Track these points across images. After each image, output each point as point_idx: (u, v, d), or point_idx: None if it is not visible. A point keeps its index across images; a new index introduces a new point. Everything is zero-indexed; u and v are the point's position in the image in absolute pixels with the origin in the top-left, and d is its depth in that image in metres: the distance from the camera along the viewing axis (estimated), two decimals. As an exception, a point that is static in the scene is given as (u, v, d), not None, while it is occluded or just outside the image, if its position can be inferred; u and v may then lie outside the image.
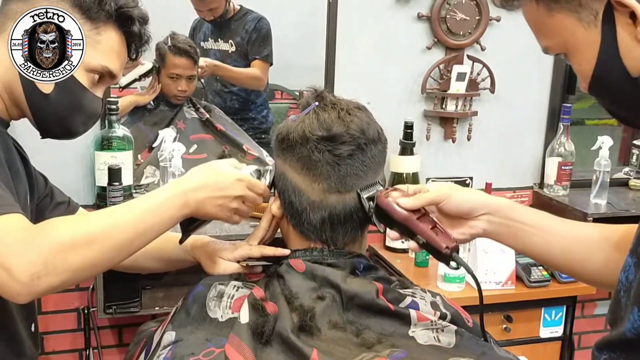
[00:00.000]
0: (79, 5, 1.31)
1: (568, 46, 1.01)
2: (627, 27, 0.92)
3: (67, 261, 1.11)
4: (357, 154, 1.28)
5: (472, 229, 1.29)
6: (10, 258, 1.06)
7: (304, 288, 1.26)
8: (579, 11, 0.95)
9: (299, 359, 1.15)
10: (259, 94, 3.00)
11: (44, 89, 1.32)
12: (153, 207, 1.25)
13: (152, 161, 2.73)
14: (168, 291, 2.44)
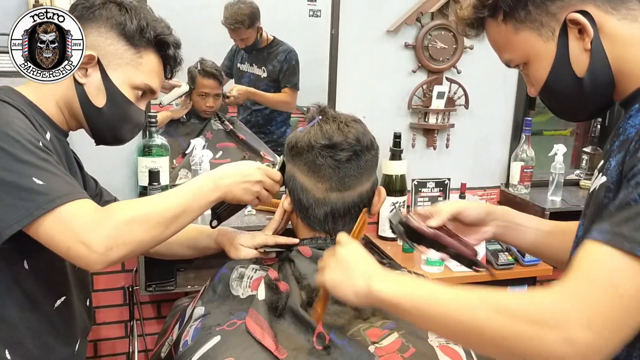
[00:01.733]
0: (124, 34, 1.31)
1: (529, 57, 1.06)
2: (577, 40, 1.00)
3: (131, 234, 1.15)
4: (354, 158, 1.27)
5: (485, 234, 1.33)
6: (87, 234, 1.10)
7: (310, 270, 1.26)
8: (540, 29, 1.02)
9: (307, 329, 1.16)
10: (281, 112, 2.97)
11: (97, 103, 1.32)
12: (192, 191, 1.27)
13: (185, 165, 2.73)
14: (198, 272, 2.44)
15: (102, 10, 1.30)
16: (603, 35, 0.98)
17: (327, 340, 1.14)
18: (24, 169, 1.10)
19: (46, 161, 1.14)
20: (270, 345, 1.13)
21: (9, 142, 1.10)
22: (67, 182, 1.16)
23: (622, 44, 0.98)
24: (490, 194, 3.12)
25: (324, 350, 1.13)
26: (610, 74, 1.00)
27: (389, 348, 1.15)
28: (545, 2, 1.01)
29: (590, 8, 0.98)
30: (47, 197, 1.09)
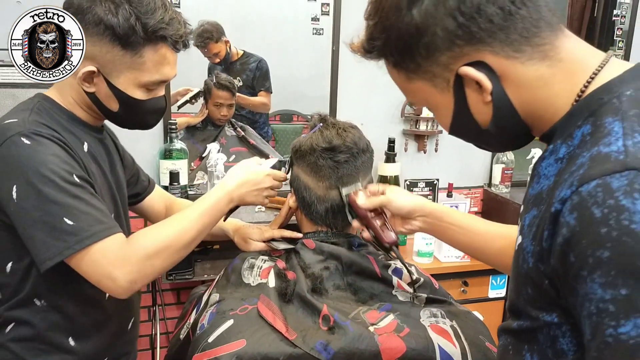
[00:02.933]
0: (116, 39, 1.14)
1: (428, 104, 0.88)
2: (475, 92, 0.79)
3: (153, 266, 1.16)
4: (351, 160, 1.28)
5: (412, 226, 1.26)
6: (113, 271, 1.11)
7: (314, 260, 1.26)
8: (433, 80, 0.81)
9: (313, 312, 1.17)
10: (261, 115, 3.02)
11: (112, 107, 1.24)
12: (207, 209, 1.26)
13: (202, 167, 2.74)
14: (213, 263, 2.43)
15: (89, 15, 1.14)
16: (506, 83, 0.77)
17: (331, 321, 1.14)
18: (56, 210, 1.08)
19: (78, 198, 1.11)
20: (281, 327, 1.14)
21: (43, 182, 1.08)
22: (97, 219, 1.12)
23: (529, 88, 0.77)
24: (474, 193, 3.12)
25: (329, 330, 1.14)
26: (518, 121, 0.81)
27: (386, 328, 1.16)
28: (434, 54, 0.78)
29: (488, 57, 0.76)
30: (76, 237, 1.08)
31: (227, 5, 2.73)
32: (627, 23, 3.24)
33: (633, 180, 0.61)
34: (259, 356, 1.09)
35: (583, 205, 0.64)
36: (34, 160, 1.09)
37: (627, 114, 0.68)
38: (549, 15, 0.76)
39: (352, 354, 1.10)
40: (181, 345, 1.35)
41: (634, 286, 0.59)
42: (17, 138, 1.10)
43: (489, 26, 0.74)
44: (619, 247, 0.60)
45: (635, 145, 0.64)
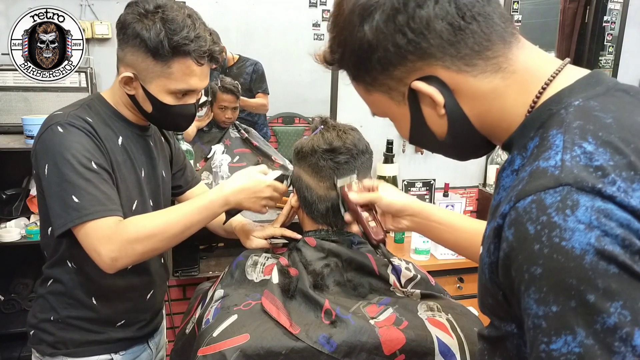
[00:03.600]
0: (149, 51, 1.28)
1: (387, 116, 0.86)
2: (429, 105, 0.77)
3: (134, 250, 1.26)
4: (351, 161, 1.28)
5: (400, 225, 1.24)
6: (99, 246, 1.25)
7: (315, 257, 1.26)
8: (389, 92, 0.79)
9: (316, 306, 1.17)
10: (259, 116, 3.02)
11: (146, 109, 1.37)
12: (199, 207, 1.33)
13: (207, 168, 2.74)
14: (218, 260, 2.44)
15: (130, 30, 1.29)
16: (460, 96, 0.75)
17: (333, 315, 1.15)
18: (69, 188, 1.25)
19: (89, 182, 1.26)
20: (285, 322, 1.14)
21: (63, 164, 1.25)
22: (100, 201, 1.26)
23: (483, 101, 0.75)
24: (470, 192, 3.12)
25: (331, 324, 1.14)
26: (474, 133, 0.79)
27: (386, 321, 1.16)
28: (387, 68, 0.76)
29: (439, 71, 0.74)
30: (78, 213, 1.24)
31: (233, 13, 2.74)
32: (617, 29, 3.24)
33: (565, 197, 0.59)
34: (262, 350, 1.10)
35: (519, 221, 0.62)
36: (61, 145, 1.27)
37: (570, 126, 0.66)
38: (501, 28, 0.73)
39: (354, 346, 1.10)
40: (187, 339, 1.36)
41: (564, 303, 0.58)
42: (54, 126, 1.29)
43: (439, 42, 0.72)
44: (550, 264, 0.59)
45: (573, 160, 0.62)
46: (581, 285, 0.57)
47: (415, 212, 1.22)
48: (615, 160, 0.61)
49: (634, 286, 0.57)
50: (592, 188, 0.59)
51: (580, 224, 0.58)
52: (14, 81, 2.05)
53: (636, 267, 0.57)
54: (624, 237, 0.57)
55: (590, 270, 0.57)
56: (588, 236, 0.57)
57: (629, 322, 0.56)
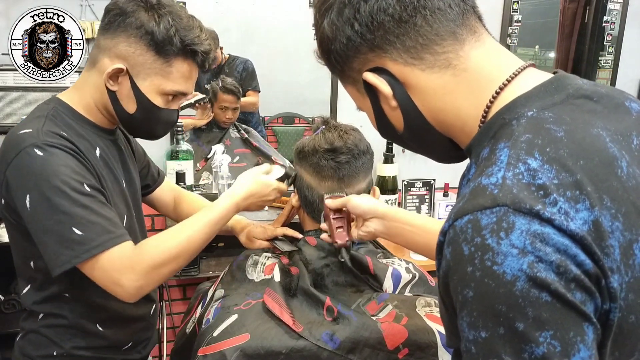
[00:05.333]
0: (153, 44, 1.18)
1: (360, 107, 0.87)
2: (384, 97, 0.77)
3: (160, 274, 1.18)
4: (352, 161, 1.28)
5: (368, 228, 1.21)
6: (121, 279, 1.13)
7: (315, 257, 1.27)
8: (354, 84, 0.81)
9: (317, 304, 1.18)
10: (253, 115, 3.01)
11: (128, 109, 1.24)
12: (215, 219, 1.27)
13: (207, 168, 2.74)
14: (218, 260, 2.43)
15: (132, 18, 1.17)
16: (410, 89, 0.74)
17: (335, 312, 1.15)
18: (66, 219, 1.10)
19: (87, 208, 1.12)
20: (288, 320, 1.14)
21: (54, 192, 1.10)
22: (105, 228, 1.14)
23: (433, 96, 0.74)
24: (470, 192, 3.12)
25: (333, 321, 1.15)
26: (430, 128, 0.77)
27: (386, 318, 1.17)
28: (346, 60, 0.77)
29: (387, 63, 0.74)
30: (85, 247, 1.11)
31: (233, 13, 2.74)
32: (617, 29, 3.24)
33: (501, 218, 0.57)
34: (262, 350, 1.10)
35: (455, 240, 0.60)
36: (46, 171, 1.11)
37: (517, 140, 0.63)
38: (453, 25, 0.72)
39: (357, 341, 1.11)
40: (187, 339, 1.36)
41: (493, 329, 0.56)
42: (30, 149, 1.12)
43: (383, 33, 0.72)
44: (481, 288, 0.56)
45: (515, 177, 0.59)
46: (510, 312, 0.55)
47: (380, 214, 1.19)
48: (560, 179, 0.59)
49: (567, 316, 0.55)
50: (529, 210, 0.56)
51: (513, 248, 0.55)
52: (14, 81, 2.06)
53: (570, 295, 0.55)
54: (559, 264, 0.55)
55: (520, 297, 0.54)
56: (520, 262, 0.55)
57: (558, 353, 0.54)
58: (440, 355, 1.13)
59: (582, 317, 0.55)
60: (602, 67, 3.27)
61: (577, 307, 0.55)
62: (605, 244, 0.57)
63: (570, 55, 3.27)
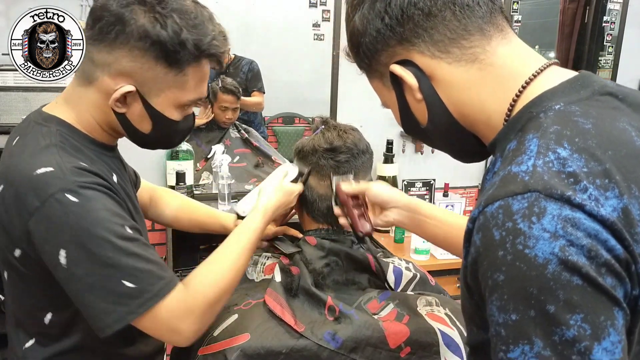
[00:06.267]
0: (163, 55, 0.98)
1: (385, 103, 0.88)
2: (409, 90, 0.79)
3: (214, 312, 1.08)
4: (351, 160, 1.28)
5: (387, 218, 1.21)
6: (178, 325, 1.01)
7: (315, 256, 1.26)
8: (381, 78, 0.83)
9: (319, 304, 1.18)
10: (256, 115, 3.01)
11: (143, 129, 1.07)
12: (253, 241, 1.18)
13: (207, 168, 2.74)
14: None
15: (132, 27, 0.96)
16: (435, 82, 0.77)
17: (337, 311, 1.15)
18: (114, 273, 0.94)
19: (135, 256, 0.97)
20: (290, 320, 1.14)
21: (97, 244, 0.93)
22: (157, 275, 0.99)
23: (459, 89, 0.76)
24: (470, 192, 3.12)
25: (335, 320, 1.14)
26: (453, 122, 0.79)
27: (388, 316, 1.17)
28: (374, 54, 0.80)
29: (415, 55, 0.76)
30: (139, 300, 0.96)
31: (233, 13, 2.74)
32: (617, 29, 3.24)
33: (533, 203, 0.58)
34: (262, 349, 1.10)
35: (486, 226, 0.61)
36: (85, 220, 0.93)
37: (547, 130, 0.64)
38: (481, 21, 0.74)
39: (359, 340, 1.11)
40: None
41: (524, 312, 0.57)
42: (61, 196, 0.93)
43: (412, 26, 0.75)
44: (512, 271, 0.57)
45: (545, 165, 0.61)
46: (541, 295, 0.56)
47: (401, 204, 1.20)
48: (589, 167, 0.60)
49: (597, 300, 0.55)
50: (560, 196, 0.57)
51: (545, 232, 0.56)
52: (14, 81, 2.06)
53: (600, 280, 0.55)
54: (590, 248, 0.56)
55: (552, 280, 0.55)
56: (552, 245, 0.56)
57: (588, 336, 0.55)
58: (442, 353, 1.13)
59: (613, 302, 0.56)
60: (602, 67, 3.27)
61: (607, 292, 0.56)
62: (635, 231, 0.58)
63: (570, 55, 3.27)
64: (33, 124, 1.05)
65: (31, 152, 0.99)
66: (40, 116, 1.06)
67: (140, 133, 1.08)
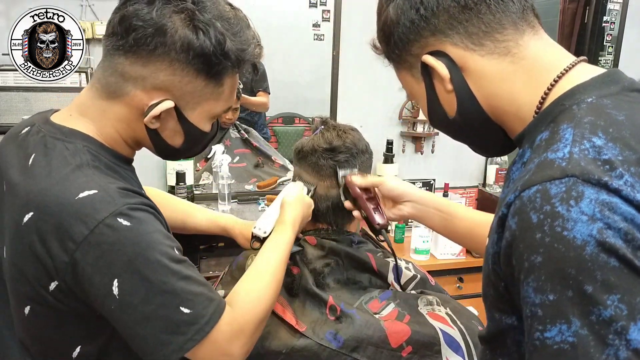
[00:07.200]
0: (205, 69, 0.92)
1: (412, 95, 0.89)
2: (440, 81, 0.81)
3: (260, 330, 1.02)
4: (351, 160, 1.28)
5: (401, 212, 1.25)
6: (230, 348, 0.94)
7: (315, 256, 1.27)
8: (410, 69, 0.84)
9: (320, 303, 1.18)
10: (259, 116, 3.01)
11: (174, 143, 1.00)
12: (285, 255, 1.14)
13: (207, 168, 2.74)
14: (218, 260, 2.43)
15: (174, 37, 0.88)
16: (467, 73, 0.79)
17: (338, 311, 1.15)
18: (171, 299, 0.87)
19: (187, 279, 0.90)
20: (291, 320, 1.14)
21: (154, 269, 0.86)
22: (208, 297, 0.92)
23: (490, 81, 0.78)
24: (469, 192, 3.12)
25: (336, 319, 1.14)
26: (482, 113, 0.81)
27: (389, 316, 1.17)
28: (406, 44, 0.81)
29: (448, 47, 0.78)
30: (196, 326, 0.89)
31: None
32: (617, 29, 3.24)
33: (571, 187, 0.60)
34: (262, 349, 1.10)
35: (523, 210, 0.63)
36: (139, 245, 0.86)
37: (581, 121, 0.66)
38: (514, 16, 0.77)
39: (361, 340, 1.11)
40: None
41: (562, 292, 0.58)
42: (112, 220, 0.85)
43: (447, 18, 0.77)
44: (550, 253, 0.59)
45: (581, 152, 0.63)
46: (580, 275, 0.57)
47: (415, 198, 1.23)
48: (624, 156, 0.62)
49: (634, 281, 0.57)
50: (597, 181, 0.59)
51: (583, 215, 0.58)
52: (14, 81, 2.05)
53: (637, 262, 0.57)
54: (627, 231, 0.57)
55: (590, 261, 0.57)
56: (590, 228, 0.57)
57: (624, 316, 0.56)
58: (443, 353, 1.13)
59: None
60: (602, 67, 3.26)
61: None
62: None
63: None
64: (51, 140, 0.94)
65: (63, 174, 0.89)
66: (59, 131, 0.95)
67: (170, 147, 1.01)
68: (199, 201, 2.54)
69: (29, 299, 0.92)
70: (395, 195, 1.24)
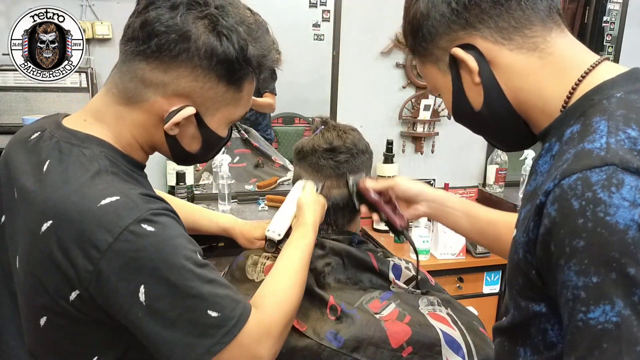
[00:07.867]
0: (226, 75, 0.91)
1: (436, 88, 0.91)
2: (467, 74, 0.83)
3: (287, 330, 1.02)
4: (351, 160, 1.29)
5: (417, 211, 1.27)
6: (258, 350, 0.93)
7: (316, 255, 1.26)
8: (437, 62, 0.86)
9: (321, 303, 1.18)
10: (264, 117, 3.00)
11: (191, 149, 0.99)
12: (308, 255, 1.15)
13: (207, 168, 2.74)
14: (219, 260, 2.43)
15: (198, 43, 0.87)
16: (495, 67, 0.81)
17: (339, 311, 1.15)
18: (198, 304, 0.86)
19: (212, 282, 0.89)
20: None
21: (180, 274, 0.85)
22: (234, 299, 0.91)
23: (518, 75, 0.80)
24: (469, 192, 3.12)
25: (337, 319, 1.14)
26: (508, 107, 0.83)
27: (389, 316, 1.17)
28: (435, 37, 0.84)
29: (477, 40, 0.80)
30: (224, 329, 0.88)
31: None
32: (617, 29, 3.24)
33: (611, 175, 0.62)
34: None
35: (563, 197, 0.65)
36: (164, 251, 0.85)
37: (614, 114, 0.69)
38: (544, 13, 0.79)
39: (361, 340, 1.11)
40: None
41: (605, 275, 0.60)
42: (136, 227, 0.83)
43: (478, 12, 0.79)
44: (593, 237, 0.61)
45: (618, 143, 0.65)
46: (622, 258, 0.59)
47: (431, 197, 1.26)
48: None
49: None
50: (636, 169, 0.62)
51: (625, 201, 0.60)
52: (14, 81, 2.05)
53: None
54: None
55: (632, 244, 0.59)
56: (632, 213, 0.60)
57: None
58: (444, 353, 1.13)
59: None
60: (602, 67, 3.27)
61: None
62: None
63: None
64: (66, 145, 0.92)
65: (82, 181, 0.87)
66: (74, 136, 0.93)
67: (187, 153, 1.00)
68: (199, 201, 2.54)
69: (47, 309, 0.89)
70: (411, 195, 1.26)
